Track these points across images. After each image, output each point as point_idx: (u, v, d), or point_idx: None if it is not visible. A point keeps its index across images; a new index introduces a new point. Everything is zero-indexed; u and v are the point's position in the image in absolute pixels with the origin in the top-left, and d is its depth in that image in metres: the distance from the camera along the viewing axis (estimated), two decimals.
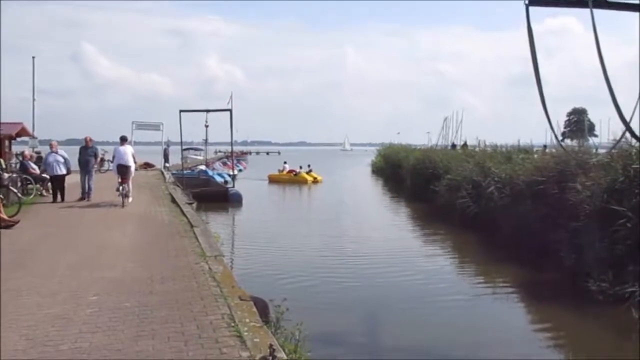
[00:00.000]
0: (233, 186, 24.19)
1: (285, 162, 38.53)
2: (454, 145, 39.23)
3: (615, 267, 8.77)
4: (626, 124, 4.45)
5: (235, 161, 36.60)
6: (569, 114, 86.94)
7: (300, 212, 21.24)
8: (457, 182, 17.94)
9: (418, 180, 25.01)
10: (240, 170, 34.27)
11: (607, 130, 43.30)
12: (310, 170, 36.88)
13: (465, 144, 38.62)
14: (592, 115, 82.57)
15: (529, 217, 12.59)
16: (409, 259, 12.56)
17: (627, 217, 8.84)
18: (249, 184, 31.98)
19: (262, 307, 5.53)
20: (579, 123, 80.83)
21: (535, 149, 21.28)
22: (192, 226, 10.37)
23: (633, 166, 9.25)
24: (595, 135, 65.25)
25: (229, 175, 34.28)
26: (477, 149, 31.52)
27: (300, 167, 37.16)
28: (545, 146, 24.57)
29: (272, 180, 36.49)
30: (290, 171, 36.75)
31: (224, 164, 43.46)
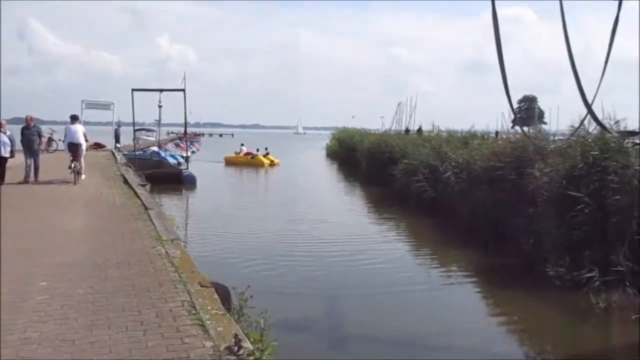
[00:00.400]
0: (187, 168, 23.62)
1: (242, 145, 37.94)
2: (407, 130, 39.42)
3: (573, 252, 8.90)
4: (589, 109, 4.47)
5: (188, 143, 35.79)
6: (520, 102, 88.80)
7: (256, 195, 20.86)
8: (413, 166, 17.98)
9: (374, 164, 25.05)
10: (193, 152, 33.57)
11: (556, 118, 44.49)
12: (267, 153, 36.47)
13: (420, 129, 38.86)
14: (541, 103, 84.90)
15: (486, 203, 12.71)
16: (367, 244, 12.41)
17: (585, 203, 9.00)
18: (203, 165, 31.37)
19: (223, 294, 5.29)
20: (529, 110, 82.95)
21: (487, 136, 21.68)
22: (146, 208, 9.98)
23: (591, 153, 9.39)
24: (545, 123, 67.18)
25: (182, 157, 33.53)
26: (432, 134, 31.95)
27: (257, 150, 36.69)
28: (497, 132, 25.03)
29: (229, 162, 35.92)
30: (247, 154, 36.24)
31: (177, 145, 42.42)
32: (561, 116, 45.36)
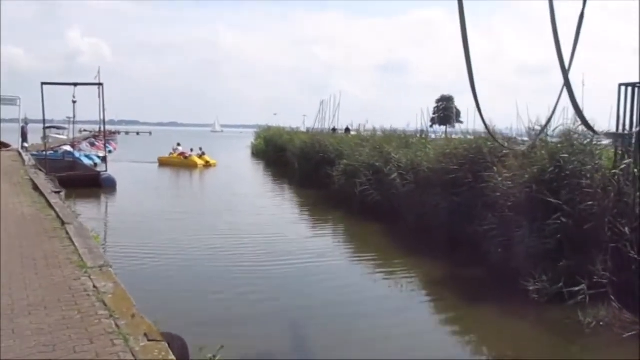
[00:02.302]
0: (106, 169, 21.55)
1: (178, 144, 35.67)
2: (334, 129, 38.88)
3: (546, 263, 8.28)
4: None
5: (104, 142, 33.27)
6: (438, 101, 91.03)
7: (187, 202, 18.73)
8: (354, 167, 17.11)
9: (307, 165, 24.06)
10: (110, 152, 31.07)
11: (472, 118, 45.56)
12: (203, 154, 34.49)
13: (347, 129, 38.47)
14: (457, 103, 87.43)
15: (439, 207, 12.01)
16: (313, 257, 11.07)
17: (557, 210, 8.39)
18: (122, 166, 29.06)
19: (179, 349, 4.04)
20: (446, 110, 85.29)
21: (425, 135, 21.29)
22: (63, 223, 8.37)
23: (561, 155, 8.80)
24: (461, 122, 69.00)
25: (99, 157, 31.11)
26: (362, 133, 31.36)
27: (191, 150, 34.65)
28: (422, 131, 24.81)
29: (162, 163, 33.66)
30: (181, 154, 34.15)
31: (92, 144, 39.51)
32: (477, 116, 46.44)
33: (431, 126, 52.02)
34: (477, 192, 11.01)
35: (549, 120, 8.03)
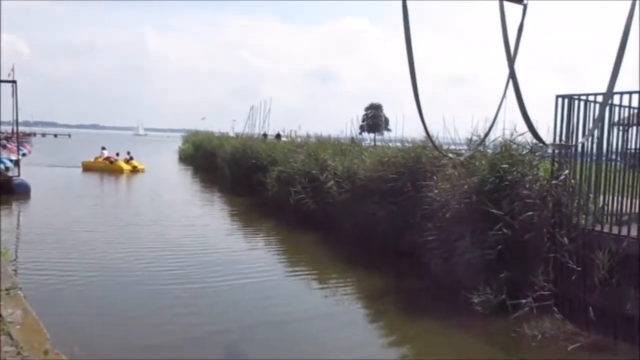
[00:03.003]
0: (18, 175, 19.93)
1: (103, 148, 33.72)
2: (265, 135, 38.42)
3: (488, 274, 8.16)
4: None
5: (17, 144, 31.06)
6: (367, 109, 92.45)
7: (111, 211, 17.34)
8: (288, 174, 16.66)
9: (238, 171, 23.40)
10: (24, 155, 28.98)
11: (401, 125, 46.73)
12: (130, 158, 32.79)
13: (278, 135, 38.07)
14: (386, 111, 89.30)
15: (376, 216, 11.76)
16: (248, 270, 10.32)
17: (498, 220, 8.29)
18: (38, 171, 27.17)
19: None
20: (375, 118, 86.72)
21: (359, 142, 21.25)
22: None
23: (502, 166, 8.72)
24: (390, 130, 70.24)
25: (11, 161, 28.98)
26: (295, 139, 30.97)
27: (117, 154, 32.88)
28: (352, 138, 24.83)
29: (86, 167, 31.76)
30: (107, 158, 32.34)
31: (3, 146, 36.81)
32: (405, 125, 47.78)
33: (360, 133, 52.49)
34: (416, 201, 10.85)
35: (489, 130, 7.88)
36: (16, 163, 24.70)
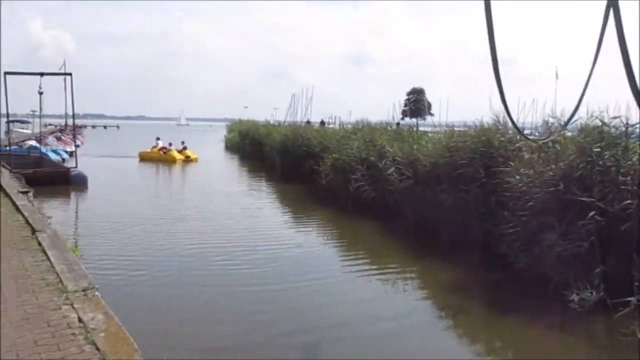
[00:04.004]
0: (75, 165, 20.11)
1: (158, 138, 34.04)
2: (308, 122, 38.18)
3: (580, 267, 7.50)
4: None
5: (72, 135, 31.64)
6: (409, 94, 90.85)
7: (166, 201, 16.94)
8: (343, 162, 16.16)
9: (288, 159, 23.05)
10: (78, 146, 29.30)
11: (445, 110, 45.81)
12: (184, 148, 32.95)
13: (322, 122, 37.74)
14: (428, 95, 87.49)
15: (443, 204, 11.14)
16: (320, 263, 10.05)
17: (592, 209, 7.59)
18: (93, 161, 27.51)
19: None
20: (417, 102, 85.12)
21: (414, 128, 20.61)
22: (34, 230, 7.23)
23: (594, 150, 7.99)
24: (432, 114, 68.81)
25: (67, 152, 29.56)
26: (333, 125, 30.44)
27: (170, 144, 33.14)
28: (398, 124, 24.11)
29: (143, 158, 32.08)
30: (162, 148, 32.62)
31: (59, 138, 37.61)
32: (452, 108, 46.66)
33: (402, 119, 51.61)
34: (489, 188, 10.23)
35: (574, 112, 7.21)
36: (72, 154, 25.11)
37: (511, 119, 5.85)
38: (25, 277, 5.21)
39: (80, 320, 4.07)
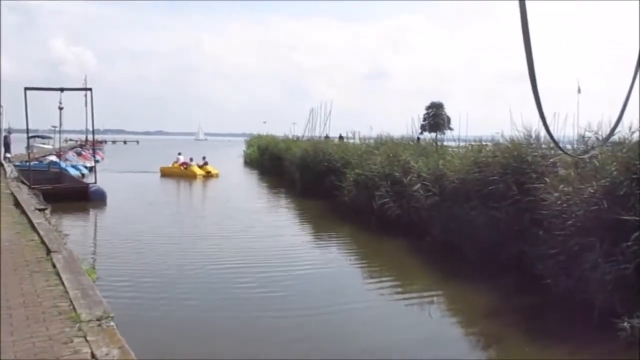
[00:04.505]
0: (95, 181, 19.98)
1: (179, 154, 34.01)
2: (327, 137, 37.93)
3: (624, 292, 7.00)
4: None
5: (92, 151, 31.69)
6: (428, 108, 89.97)
7: (186, 218, 16.55)
8: (366, 177, 15.76)
9: (309, 174, 22.68)
10: (97, 161, 29.35)
11: (465, 124, 45.27)
12: (205, 163, 32.84)
13: (341, 136, 37.41)
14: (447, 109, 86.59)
15: (475, 223, 10.65)
16: (347, 284, 9.69)
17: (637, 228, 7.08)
18: (111, 177, 27.44)
19: None
20: (436, 117, 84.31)
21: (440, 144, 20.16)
22: (49, 251, 6.93)
23: (638, 165, 7.49)
24: (452, 129, 68.08)
25: (86, 167, 29.58)
26: (353, 140, 30.06)
27: (191, 159, 33.05)
28: (418, 139, 23.65)
29: (164, 173, 32.07)
30: (183, 164, 32.56)
31: (79, 154, 37.82)
32: (469, 123, 46.19)
33: (421, 133, 51.01)
34: (523, 206, 9.75)
35: (615, 127, 6.74)
36: (91, 170, 25.05)
37: (549, 133, 5.44)
38: (37, 304, 4.89)
39: (93, 356, 3.71)
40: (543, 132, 11.03)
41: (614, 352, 6.36)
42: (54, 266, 6.19)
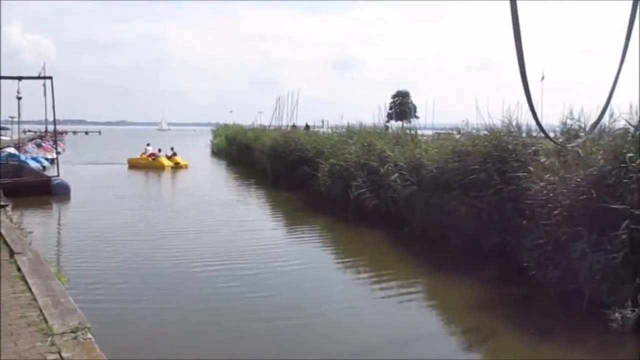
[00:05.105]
0: (58, 174, 19.15)
1: (148, 144, 33.01)
2: (294, 126, 37.56)
3: (614, 281, 6.90)
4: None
5: (53, 142, 30.54)
6: (394, 96, 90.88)
7: (156, 212, 15.98)
8: (341, 167, 15.46)
9: (280, 164, 22.30)
10: (59, 153, 28.24)
11: (431, 113, 45.67)
12: (174, 154, 32.00)
13: (307, 126, 37.05)
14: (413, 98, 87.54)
15: (455, 213, 10.47)
16: (325, 278, 9.44)
17: (627, 218, 6.98)
18: (74, 169, 26.46)
19: None
20: (402, 105, 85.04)
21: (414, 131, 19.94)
22: (12, 253, 6.41)
23: (628, 155, 7.37)
24: (417, 117, 68.47)
25: (47, 160, 28.52)
26: (322, 129, 29.76)
27: (159, 150, 32.16)
28: (387, 127, 23.53)
29: (132, 164, 31.15)
30: (151, 155, 31.64)
31: (39, 145, 36.46)
32: (435, 111, 46.55)
33: (387, 121, 51.11)
34: (505, 195, 9.62)
35: (601, 115, 6.60)
36: (53, 162, 24.10)
37: (538, 121, 5.30)
38: (2, 314, 4.43)
39: None
40: (523, 120, 11.00)
41: (608, 344, 6.24)
42: (19, 270, 5.70)
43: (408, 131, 17.57)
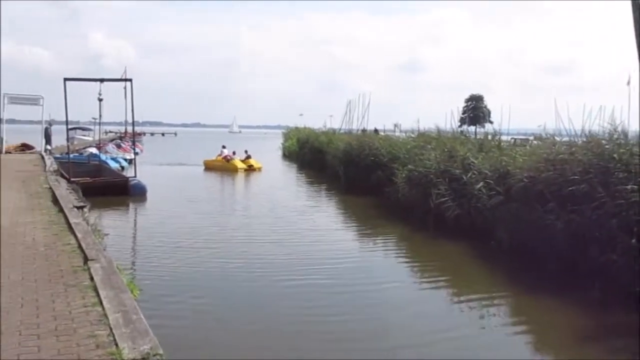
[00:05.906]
0: (135, 175, 19.43)
1: (223, 147, 33.41)
2: (364, 130, 36.82)
3: None
4: None
5: (131, 143, 31.42)
6: (467, 100, 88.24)
7: (233, 218, 15.75)
8: (420, 174, 14.69)
9: (353, 169, 21.71)
10: (137, 154, 28.95)
11: (507, 117, 43.32)
12: (248, 157, 32.12)
13: (376, 130, 36.26)
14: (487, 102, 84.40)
15: (551, 228, 9.52)
16: (416, 304, 8.39)
17: None
18: (151, 170, 26.99)
19: None
20: (476, 109, 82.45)
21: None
22: (86, 259, 6.18)
23: None
24: (491, 122, 65.94)
25: (126, 160, 29.33)
26: (398, 133, 28.94)
27: (234, 153, 32.46)
28: (461, 131, 22.40)
29: (207, 166, 31.60)
30: (225, 157, 32.02)
31: (118, 146, 37.68)
32: (511, 115, 44.16)
33: (460, 126, 49.41)
34: (610, 209, 8.60)
35: None
36: (131, 162, 24.65)
37: None
38: (70, 331, 4.08)
39: None
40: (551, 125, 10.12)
41: None
42: (92, 279, 5.42)
43: (490, 137, 16.61)
